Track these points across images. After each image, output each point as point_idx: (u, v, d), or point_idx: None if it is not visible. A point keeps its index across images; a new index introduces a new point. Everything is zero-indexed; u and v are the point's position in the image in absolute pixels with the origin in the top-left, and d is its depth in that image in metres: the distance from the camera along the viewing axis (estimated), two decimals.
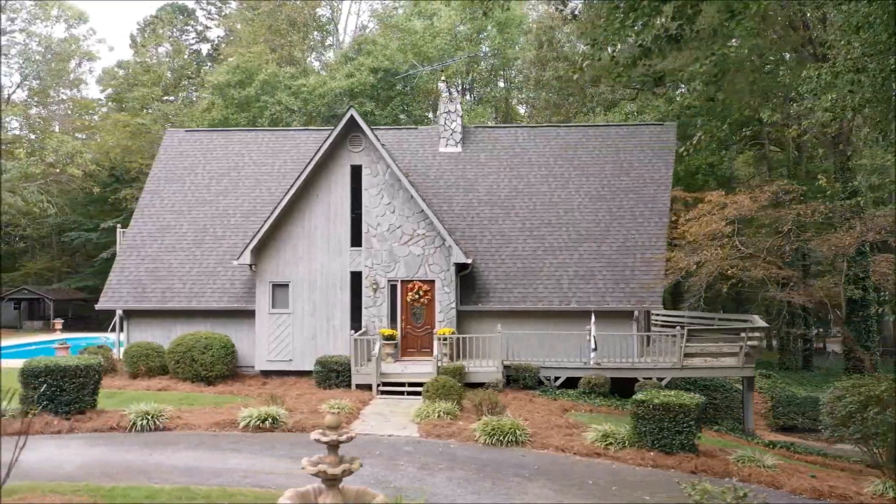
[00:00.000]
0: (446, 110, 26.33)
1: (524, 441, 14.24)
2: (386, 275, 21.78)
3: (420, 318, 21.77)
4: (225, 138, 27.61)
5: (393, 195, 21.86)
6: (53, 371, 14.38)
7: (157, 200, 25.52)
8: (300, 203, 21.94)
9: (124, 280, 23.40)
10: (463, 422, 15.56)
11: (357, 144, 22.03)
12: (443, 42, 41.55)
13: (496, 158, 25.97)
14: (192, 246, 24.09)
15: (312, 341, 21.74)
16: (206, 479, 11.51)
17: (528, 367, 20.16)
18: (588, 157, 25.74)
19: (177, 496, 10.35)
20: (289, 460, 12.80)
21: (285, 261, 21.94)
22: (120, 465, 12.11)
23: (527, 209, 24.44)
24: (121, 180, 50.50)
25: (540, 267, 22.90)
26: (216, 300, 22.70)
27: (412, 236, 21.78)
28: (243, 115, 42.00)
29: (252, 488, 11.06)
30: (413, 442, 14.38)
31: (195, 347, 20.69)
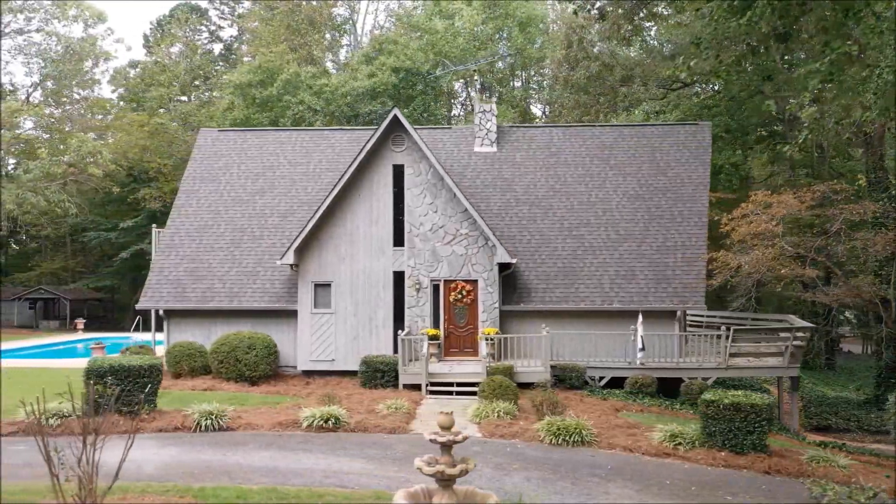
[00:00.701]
0: (481, 110, 26.32)
1: (590, 441, 14.22)
2: (429, 274, 21.76)
3: (463, 317, 21.75)
4: (259, 138, 27.58)
5: (435, 195, 21.84)
6: (118, 371, 14.37)
7: (194, 200, 25.49)
8: (342, 203, 21.92)
9: (164, 280, 23.37)
10: (523, 422, 15.55)
11: (399, 144, 22.01)
12: (464, 42, 41.51)
13: (532, 158, 25.96)
14: (231, 246, 24.06)
15: (355, 341, 21.73)
16: (287, 479, 11.49)
17: (574, 366, 20.17)
18: (624, 157, 25.72)
19: (267, 496, 10.33)
20: (363, 460, 12.80)
21: (327, 261, 21.93)
22: (198, 465, 12.10)
23: (565, 209, 24.43)
24: (138, 180, 50.50)
25: (580, 267, 22.90)
26: (257, 300, 22.68)
27: (455, 236, 21.77)
28: (265, 114, 41.98)
29: (336, 489, 11.04)
30: (478, 442, 14.36)
31: (239, 347, 20.68)
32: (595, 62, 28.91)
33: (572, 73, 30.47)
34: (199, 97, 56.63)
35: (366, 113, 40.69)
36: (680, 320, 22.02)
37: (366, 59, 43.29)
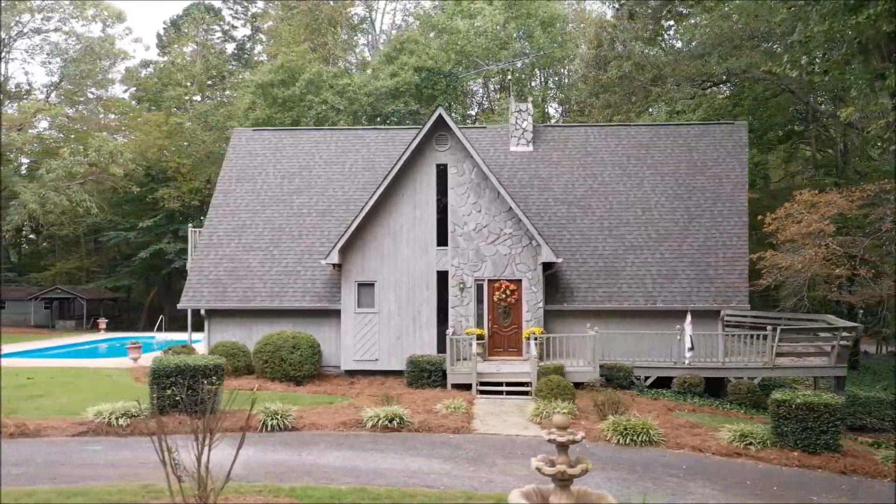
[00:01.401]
0: (517, 109, 26.29)
1: (657, 441, 14.19)
2: (473, 274, 21.73)
3: (507, 317, 21.73)
4: (293, 138, 27.55)
5: (479, 194, 21.82)
6: (184, 371, 14.35)
7: (231, 199, 25.46)
8: (385, 202, 21.88)
9: (204, 280, 23.34)
10: (585, 421, 15.52)
11: (443, 143, 21.98)
12: (486, 41, 41.47)
13: (568, 157, 25.93)
14: (270, 245, 24.03)
15: (398, 341, 21.70)
16: (370, 479, 11.46)
17: (621, 366, 20.15)
18: (661, 156, 25.70)
19: (359, 496, 10.30)
20: (439, 460, 12.77)
21: (371, 260, 21.90)
22: (278, 465, 12.07)
23: (603, 208, 24.40)
24: (156, 180, 50.46)
25: (622, 266, 22.87)
26: (298, 300, 22.64)
27: (499, 235, 21.74)
28: (287, 114, 41.94)
29: (423, 489, 11.00)
30: (545, 442, 14.26)
31: (283, 347, 20.66)
32: (627, 61, 28.89)
33: (602, 72, 30.44)
34: (216, 97, 56.56)
35: (389, 112, 40.66)
36: (723, 320, 22.00)
37: (387, 58, 43.25)
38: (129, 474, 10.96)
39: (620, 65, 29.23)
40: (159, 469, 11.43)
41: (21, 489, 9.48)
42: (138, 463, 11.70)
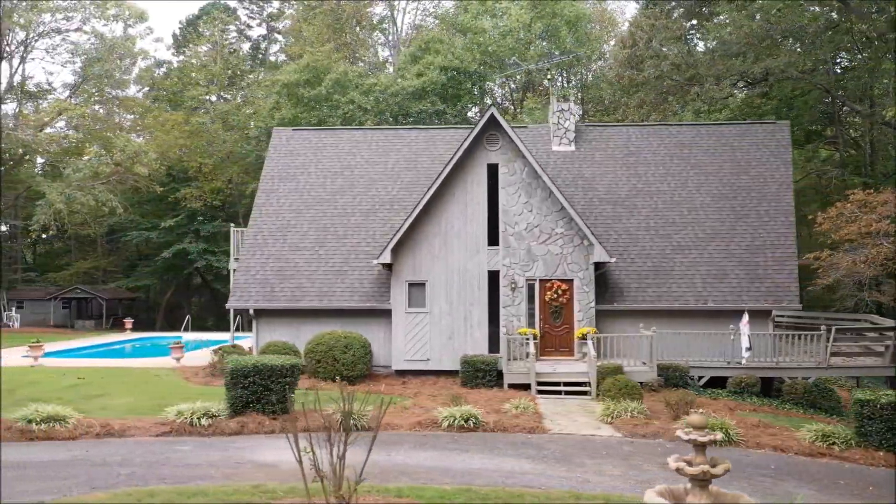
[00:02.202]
0: (559, 109, 26.26)
1: (737, 441, 14.19)
2: (524, 274, 21.72)
3: (558, 317, 21.71)
4: (334, 137, 27.53)
5: (530, 194, 21.80)
6: (261, 371, 14.33)
7: (274, 199, 25.44)
8: (436, 202, 21.86)
9: (251, 280, 23.32)
10: (658, 421, 15.53)
11: (494, 143, 21.97)
12: (512, 41, 41.46)
13: (611, 157, 25.92)
14: (316, 245, 24.01)
15: (450, 341, 21.68)
16: (469, 479, 11.45)
17: (677, 366, 20.13)
18: (704, 156, 25.69)
19: (467, 497, 10.28)
20: (527, 460, 12.76)
21: (421, 260, 21.88)
22: (371, 466, 11.96)
23: (649, 208, 24.40)
24: (177, 180, 50.39)
25: (671, 266, 22.87)
26: (346, 300, 22.62)
27: (550, 235, 21.73)
28: (313, 113, 41.92)
29: (524, 489, 10.97)
30: (623, 442, 14.33)
31: (336, 347, 20.66)
32: (665, 61, 28.89)
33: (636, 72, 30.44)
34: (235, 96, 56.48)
35: (415, 112, 40.64)
36: (774, 320, 22.00)
37: (412, 58, 43.24)
38: (232, 474, 10.94)
39: (658, 64, 29.22)
40: (260, 469, 11.47)
41: (139, 489, 9.46)
42: (234, 463, 11.69)
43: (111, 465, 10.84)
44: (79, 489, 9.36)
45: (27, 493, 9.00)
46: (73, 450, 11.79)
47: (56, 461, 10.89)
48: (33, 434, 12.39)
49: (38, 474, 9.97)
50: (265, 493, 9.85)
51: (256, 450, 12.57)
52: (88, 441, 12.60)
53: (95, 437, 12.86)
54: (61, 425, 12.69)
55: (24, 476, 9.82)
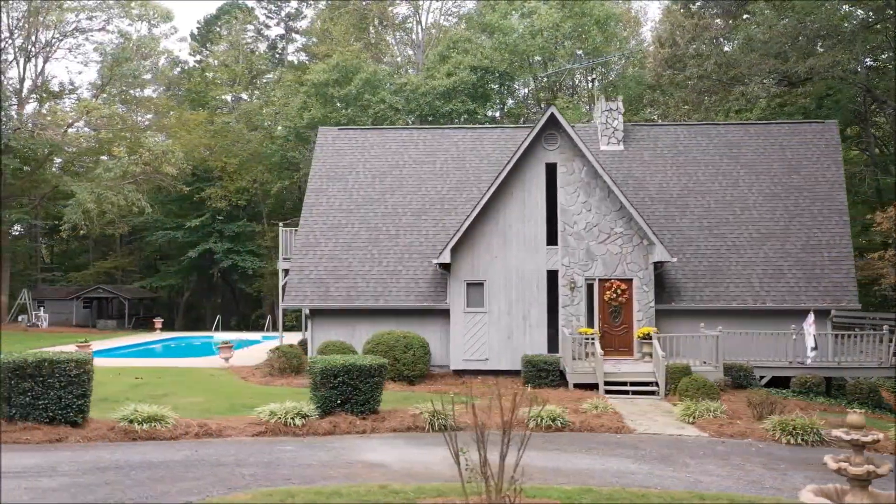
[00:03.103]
0: (607, 108, 26.22)
1: (828, 441, 14.13)
2: (583, 273, 21.68)
3: (617, 317, 21.68)
4: (380, 136, 27.50)
5: (589, 193, 21.77)
6: (350, 370, 14.28)
7: (324, 199, 25.40)
8: (494, 202, 21.82)
9: (305, 279, 23.28)
10: (741, 421, 15.48)
11: (552, 142, 21.94)
12: (542, 41, 41.42)
13: (660, 156, 25.89)
14: (368, 244, 23.98)
15: (508, 340, 21.65)
16: (583, 479, 11.40)
17: (740, 366, 20.09)
18: (753, 155, 25.67)
19: (592, 496, 10.23)
20: (630, 460, 12.70)
21: (480, 260, 21.85)
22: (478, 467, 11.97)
23: (701, 207, 24.37)
24: (201, 179, 50.31)
25: (727, 265, 22.84)
26: (403, 299, 22.59)
27: (609, 235, 21.69)
28: (343, 113, 41.86)
29: (642, 489, 10.92)
30: (714, 442, 14.28)
31: (396, 347, 20.63)
32: (709, 60, 28.86)
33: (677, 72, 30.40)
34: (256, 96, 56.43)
35: (446, 112, 40.60)
36: (832, 319, 21.98)
37: (440, 58, 43.20)
38: (350, 474, 10.89)
39: (701, 63, 29.18)
40: (373, 469, 11.43)
41: (275, 489, 9.41)
42: (344, 463, 11.64)
43: (229, 466, 10.78)
44: (216, 489, 9.31)
45: (169, 494, 8.95)
46: (182, 450, 11.73)
47: (173, 461, 10.83)
48: (136, 434, 12.32)
49: (167, 475, 9.91)
50: (395, 493, 9.80)
51: (358, 450, 12.52)
52: (190, 441, 12.54)
53: (195, 437, 12.80)
54: (161, 425, 12.63)
55: (155, 477, 9.76)
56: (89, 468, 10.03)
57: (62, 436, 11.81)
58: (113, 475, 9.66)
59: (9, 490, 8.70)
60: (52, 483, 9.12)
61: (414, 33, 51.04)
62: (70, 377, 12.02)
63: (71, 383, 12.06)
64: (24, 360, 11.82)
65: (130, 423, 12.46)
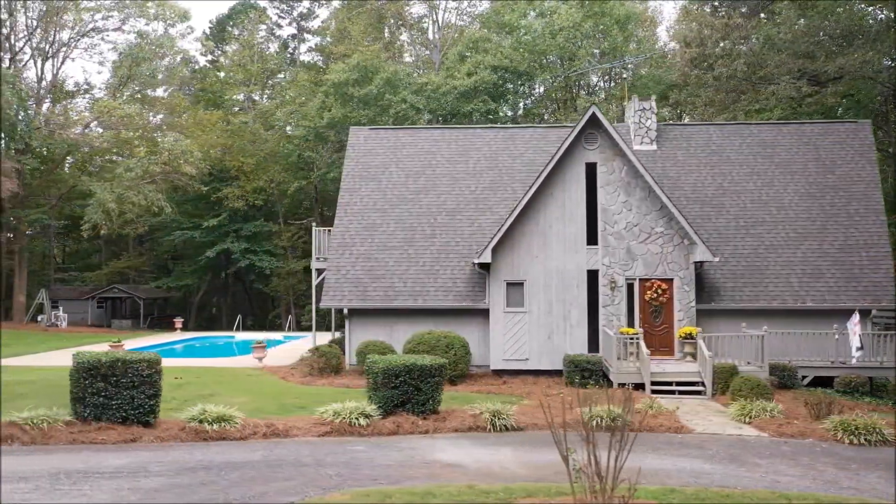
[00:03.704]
0: (640, 108, 26.19)
1: (891, 441, 14.12)
2: (623, 273, 21.65)
3: (658, 316, 21.65)
4: (411, 136, 27.47)
5: (629, 193, 21.75)
6: (412, 370, 14.25)
7: (357, 199, 25.38)
8: (534, 202, 21.79)
9: (342, 279, 23.24)
10: (798, 421, 15.45)
11: (592, 142, 21.91)
12: (563, 41, 41.38)
13: (694, 156, 25.87)
14: (404, 244, 23.95)
15: (548, 340, 21.62)
16: (661, 479, 11.38)
17: (784, 366, 20.09)
18: (787, 155, 25.65)
19: (679, 496, 10.21)
20: (700, 460, 12.68)
21: (520, 259, 21.82)
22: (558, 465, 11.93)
23: (737, 207, 24.35)
24: (217, 179, 50.23)
25: (765, 265, 22.82)
26: (441, 299, 22.56)
27: (650, 234, 21.66)
28: (363, 112, 41.81)
29: (722, 489, 10.90)
30: (777, 442, 14.26)
31: (437, 346, 20.59)
32: (739, 60, 28.85)
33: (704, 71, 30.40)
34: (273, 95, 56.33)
35: (468, 111, 40.57)
36: (872, 319, 21.96)
37: (460, 57, 43.17)
38: (432, 474, 10.85)
39: (730, 62, 29.16)
40: (452, 469, 11.39)
41: (370, 489, 9.38)
42: (420, 463, 11.61)
43: (310, 466, 10.74)
44: (310, 490, 9.28)
45: (268, 495, 8.92)
46: (257, 450, 11.70)
47: (254, 462, 10.79)
48: (207, 434, 12.29)
49: (256, 475, 9.88)
50: (485, 493, 9.76)
51: (429, 451, 12.48)
52: (259, 441, 12.51)
53: (263, 437, 12.77)
54: (230, 425, 12.60)
55: (246, 477, 9.72)
56: (178, 468, 10.00)
57: (136, 436, 11.78)
58: (205, 475, 9.62)
59: (113, 490, 8.67)
60: (152, 483, 9.08)
61: (430, 32, 50.97)
62: (142, 377, 12.00)
63: (143, 383, 12.03)
64: (97, 360, 11.79)
65: (200, 423, 12.42)
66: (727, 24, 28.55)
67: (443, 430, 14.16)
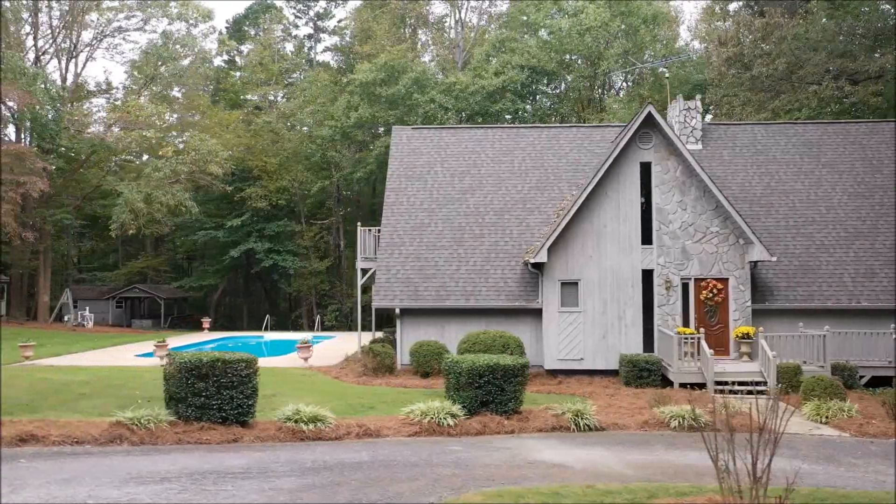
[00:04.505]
0: (685, 107, 26.16)
1: None
2: (679, 273, 21.61)
3: (713, 316, 21.61)
4: (454, 136, 27.44)
5: (684, 192, 21.71)
6: (495, 370, 14.22)
7: (404, 198, 25.33)
8: (588, 202, 21.74)
9: (393, 279, 23.19)
10: (876, 421, 15.41)
11: (647, 141, 21.87)
12: (591, 40, 41.37)
13: (740, 156, 25.84)
14: (453, 244, 23.91)
15: (603, 340, 21.58)
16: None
17: (844, 366, 20.04)
18: (833, 154, 25.63)
19: (802, 497, 10.15)
20: (795, 459, 12.55)
21: (574, 259, 21.78)
22: (650, 465, 11.91)
23: (786, 207, 24.33)
24: (240, 179, 50.18)
25: (818, 265, 22.79)
26: (493, 299, 22.52)
27: (705, 234, 21.62)
28: (391, 112, 41.78)
29: (834, 489, 10.86)
30: (861, 441, 14.23)
31: (493, 346, 20.51)
32: (780, 59, 28.83)
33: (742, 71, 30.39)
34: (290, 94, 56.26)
35: (495, 111, 40.55)
36: None
37: (485, 56, 43.15)
38: (547, 475, 10.79)
39: (770, 62, 29.15)
40: (562, 469, 11.33)
41: (503, 489, 9.31)
42: (525, 463, 11.55)
43: (422, 466, 10.68)
44: (439, 490, 9.22)
45: (403, 495, 8.86)
46: (359, 450, 11.64)
47: (366, 462, 10.74)
48: (304, 434, 12.23)
49: (380, 475, 9.81)
50: (607, 493, 9.70)
51: (527, 450, 12.43)
52: (355, 441, 12.45)
53: (356, 437, 12.71)
54: (324, 425, 12.55)
55: (372, 478, 9.65)
56: (300, 469, 9.94)
57: (237, 436, 11.73)
58: (331, 476, 9.57)
59: (254, 490, 8.61)
60: (288, 484, 9.02)
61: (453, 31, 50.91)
62: (241, 377, 11.95)
63: (242, 383, 11.98)
64: (199, 360, 11.74)
65: (295, 423, 12.37)
66: (768, 24, 28.53)
67: (527, 430, 14.12)
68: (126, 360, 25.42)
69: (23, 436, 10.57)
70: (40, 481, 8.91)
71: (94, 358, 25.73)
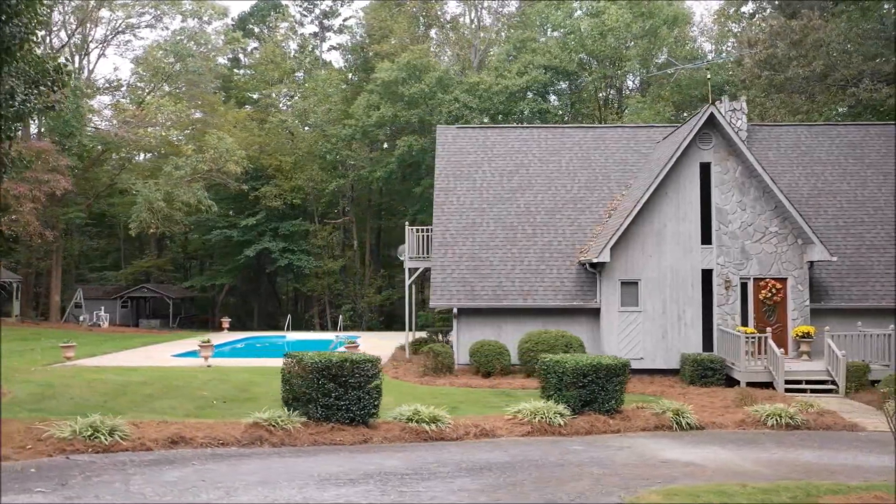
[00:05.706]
0: (731, 108, 26.31)
1: None
2: (738, 272, 21.75)
3: (772, 315, 21.77)
4: (500, 135, 27.42)
5: (744, 192, 21.85)
6: (598, 370, 14.21)
7: (453, 198, 25.27)
8: (648, 202, 21.82)
9: (449, 279, 23.13)
10: None
11: (706, 142, 21.99)
12: (613, 40, 41.54)
13: (785, 157, 26.06)
14: (506, 244, 23.89)
15: (663, 340, 21.67)
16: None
17: None
18: (877, 156, 25.92)
19: None
20: None
21: (634, 259, 21.85)
22: (785, 465, 11.95)
23: (834, 207, 24.57)
24: (254, 178, 49.76)
25: (870, 265, 23.05)
26: (550, 298, 22.54)
27: (764, 234, 21.78)
28: (412, 111, 41.66)
29: None
30: None
31: (556, 346, 20.59)
32: (818, 61, 29.11)
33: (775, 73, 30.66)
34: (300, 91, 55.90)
35: (519, 111, 40.59)
36: None
37: (506, 56, 43.18)
38: (690, 473, 10.80)
39: (809, 63, 29.41)
40: (697, 468, 11.32)
41: (675, 487, 9.35)
42: (655, 462, 11.54)
43: (568, 466, 10.62)
44: (607, 489, 9.21)
45: (585, 494, 8.83)
46: (492, 451, 11.58)
47: (509, 462, 10.67)
48: (427, 434, 12.14)
49: (546, 475, 9.78)
50: (766, 492, 9.72)
51: (649, 450, 12.42)
52: (475, 441, 12.38)
53: (474, 437, 12.64)
54: (444, 425, 12.48)
55: (544, 477, 9.61)
56: (462, 469, 9.88)
57: (366, 437, 11.62)
58: (500, 477, 9.51)
59: (450, 490, 8.53)
60: (470, 484, 8.95)
61: (467, 31, 50.86)
62: (368, 377, 11.85)
63: (367, 383, 11.87)
64: (329, 360, 11.62)
65: (417, 423, 12.29)
66: (805, 26, 28.81)
67: (631, 429, 14.12)
68: (164, 360, 24.98)
69: (174, 438, 10.37)
70: (238, 484, 8.74)
71: (129, 358, 25.24)
